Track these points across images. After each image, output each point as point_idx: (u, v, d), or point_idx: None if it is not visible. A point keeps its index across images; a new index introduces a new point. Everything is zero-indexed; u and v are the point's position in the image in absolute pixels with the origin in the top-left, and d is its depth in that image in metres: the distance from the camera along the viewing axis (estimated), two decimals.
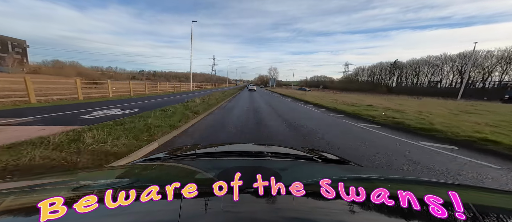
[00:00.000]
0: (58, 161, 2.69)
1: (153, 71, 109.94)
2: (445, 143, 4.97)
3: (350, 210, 0.47)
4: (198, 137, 4.77)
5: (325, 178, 0.53)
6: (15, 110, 7.01)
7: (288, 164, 0.96)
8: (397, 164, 3.46)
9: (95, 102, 10.31)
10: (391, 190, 0.49)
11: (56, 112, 6.92)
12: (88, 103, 9.94)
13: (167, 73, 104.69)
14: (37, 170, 2.44)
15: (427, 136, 5.56)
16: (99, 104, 9.72)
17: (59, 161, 2.70)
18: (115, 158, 2.99)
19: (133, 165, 0.97)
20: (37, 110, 7.03)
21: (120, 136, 3.83)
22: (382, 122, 7.40)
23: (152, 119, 5.36)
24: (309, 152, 1.36)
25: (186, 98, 13.14)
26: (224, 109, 9.71)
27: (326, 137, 5.06)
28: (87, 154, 2.98)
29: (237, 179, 0.51)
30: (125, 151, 3.25)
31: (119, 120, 5.23)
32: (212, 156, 1.16)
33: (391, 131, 6.24)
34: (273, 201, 0.49)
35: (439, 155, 4.07)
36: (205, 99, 12.08)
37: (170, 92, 23.32)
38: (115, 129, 4.26)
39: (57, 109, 7.46)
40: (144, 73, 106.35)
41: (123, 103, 10.58)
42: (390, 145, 4.64)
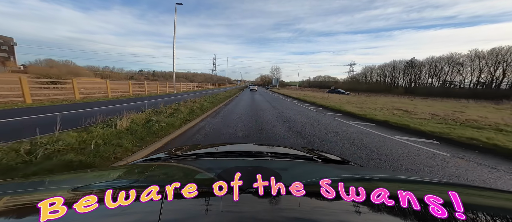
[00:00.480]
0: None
1: (152, 71, 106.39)
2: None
3: (350, 210, 0.47)
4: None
5: (325, 178, 0.53)
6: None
7: (288, 164, 0.96)
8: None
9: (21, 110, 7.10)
10: (391, 190, 0.49)
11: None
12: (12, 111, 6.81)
13: (167, 73, 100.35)
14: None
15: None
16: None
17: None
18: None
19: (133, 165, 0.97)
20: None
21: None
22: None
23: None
24: (309, 152, 1.36)
25: (154, 103, 8.94)
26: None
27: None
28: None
29: (237, 179, 0.51)
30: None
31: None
32: (212, 156, 1.16)
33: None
34: (273, 201, 0.49)
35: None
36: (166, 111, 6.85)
37: (161, 93, 20.76)
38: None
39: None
40: (143, 73, 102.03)
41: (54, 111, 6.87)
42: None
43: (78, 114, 6.45)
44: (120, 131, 4.20)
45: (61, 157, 2.75)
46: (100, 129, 4.08)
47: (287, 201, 0.49)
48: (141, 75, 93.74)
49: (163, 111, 6.95)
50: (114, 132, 4.10)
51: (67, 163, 2.64)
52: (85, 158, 2.82)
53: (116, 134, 4.03)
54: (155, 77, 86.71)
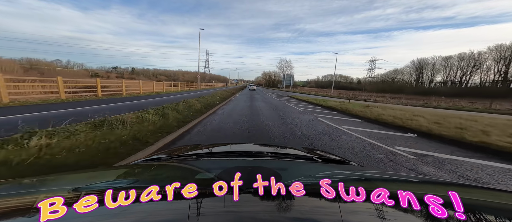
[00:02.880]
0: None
1: (131, 68, 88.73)
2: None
3: (350, 210, 0.47)
4: None
5: (325, 178, 0.53)
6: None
7: (288, 164, 0.96)
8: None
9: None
10: (391, 190, 0.49)
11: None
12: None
13: (155, 71, 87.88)
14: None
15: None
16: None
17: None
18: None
19: (133, 165, 0.97)
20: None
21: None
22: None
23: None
24: (309, 152, 1.36)
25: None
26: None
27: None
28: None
29: (237, 179, 0.51)
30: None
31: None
32: (212, 156, 1.16)
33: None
34: (273, 201, 0.49)
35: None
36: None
37: (118, 95, 13.95)
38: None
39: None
40: (118, 70, 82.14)
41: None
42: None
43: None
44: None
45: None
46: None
47: (287, 201, 0.49)
48: (117, 72, 77.76)
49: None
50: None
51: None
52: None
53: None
54: (133, 75, 73.89)
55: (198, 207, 0.46)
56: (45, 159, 2.75)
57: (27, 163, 2.59)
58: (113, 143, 3.53)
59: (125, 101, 11.23)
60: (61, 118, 4.84)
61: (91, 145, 3.30)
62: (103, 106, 8.58)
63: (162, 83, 24.79)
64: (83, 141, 3.35)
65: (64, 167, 2.61)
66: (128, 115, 5.38)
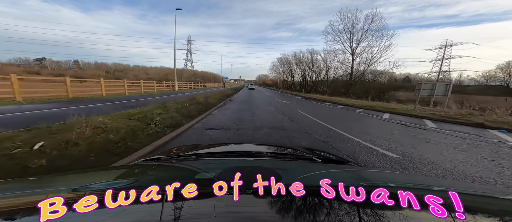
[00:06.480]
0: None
1: (74, 60, 64.05)
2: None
3: (350, 210, 0.47)
4: None
5: (325, 178, 0.53)
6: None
7: (288, 164, 0.96)
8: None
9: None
10: (391, 190, 0.49)
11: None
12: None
13: (119, 66, 64.37)
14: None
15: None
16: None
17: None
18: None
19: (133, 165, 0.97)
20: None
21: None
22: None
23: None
24: (309, 152, 1.36)
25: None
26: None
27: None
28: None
29: (237, 179, 0.51)
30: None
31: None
32: (212, 156, 1.16)
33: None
34: (273, 201, 0.48)
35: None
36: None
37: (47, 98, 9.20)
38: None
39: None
40: (81, 65, 62.74)
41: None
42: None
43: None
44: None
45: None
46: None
47: (287, 201, 0.49)
48: (79, 68, 56.29)
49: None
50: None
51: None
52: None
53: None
54: (76, 71, 51.45)
55: (198, 207, 0.46)
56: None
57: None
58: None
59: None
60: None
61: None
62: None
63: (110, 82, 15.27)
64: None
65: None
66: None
